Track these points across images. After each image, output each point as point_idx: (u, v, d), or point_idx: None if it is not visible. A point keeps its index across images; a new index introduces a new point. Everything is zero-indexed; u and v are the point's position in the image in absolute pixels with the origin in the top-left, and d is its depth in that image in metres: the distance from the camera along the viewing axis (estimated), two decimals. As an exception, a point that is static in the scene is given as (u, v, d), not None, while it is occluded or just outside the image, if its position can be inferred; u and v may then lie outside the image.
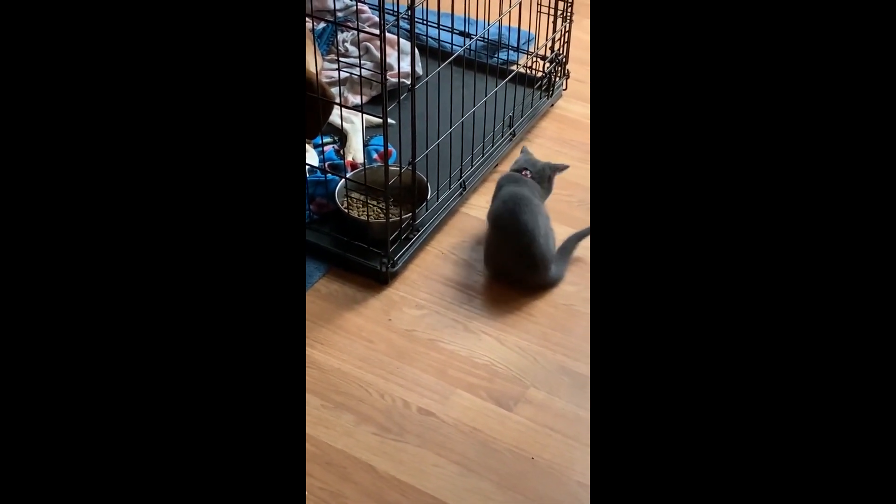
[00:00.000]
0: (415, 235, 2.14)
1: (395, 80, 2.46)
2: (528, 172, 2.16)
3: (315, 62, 2.11)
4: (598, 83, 0.95)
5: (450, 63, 2.15)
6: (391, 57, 2.56)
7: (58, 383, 0.89)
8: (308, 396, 1.81)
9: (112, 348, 0.90)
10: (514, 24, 2.61)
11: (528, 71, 2.61)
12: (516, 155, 2.31)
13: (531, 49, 2.67)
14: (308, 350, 1.92)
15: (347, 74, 2.56)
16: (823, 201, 0.87)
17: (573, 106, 2.68)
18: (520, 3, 2.37)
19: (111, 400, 0.90)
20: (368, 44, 2.68)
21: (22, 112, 0.88)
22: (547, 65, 2.61)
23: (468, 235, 2.22)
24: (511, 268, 2.06)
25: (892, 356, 0.86)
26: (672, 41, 0.90)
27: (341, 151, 2.39)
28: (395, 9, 1.94)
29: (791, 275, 0.88)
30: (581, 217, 2.25)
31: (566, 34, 2.58)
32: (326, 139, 2.41)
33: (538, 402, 1.82)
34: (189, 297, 0.92)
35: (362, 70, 2.24)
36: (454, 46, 2.53)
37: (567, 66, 2.66)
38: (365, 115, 2.23)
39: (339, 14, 2.83)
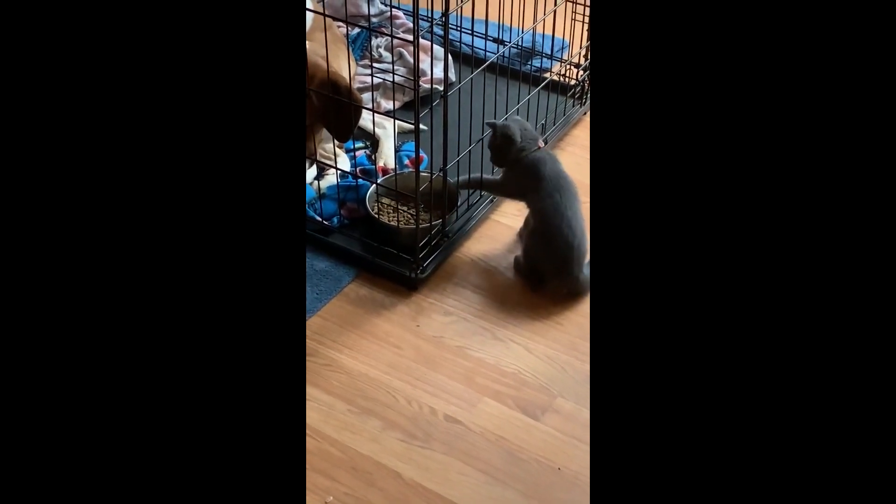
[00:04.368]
0: (444, 242, 2.14)
1: (427, 86, 2.46)
2: (542, 143, 2.10)
3: (349, 67, 2.11)
4: (598, 85, 0.95)
5: (483, 70, 2.14)
6: (424, 63, 2.56)
7: (62, 383, 0.89)
8: (335, 401, 1.81)
9: (105, 341, 0.90)
10: (549, 32, 2.61)
11: (562, 79, 2.60)
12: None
13: (565, 57, 2.66)
14: (335, 354, 1.92)
15: (381, 80, 2.57)
16: (821, 202, 0.87)
17: (606, 114, 2.66)
18: (554, 11, 2.37)
19: (111, 403, 0.90)
20: (402, 49, 2.68)
21: (21, 110, 0.88)
22: (580, 73, 2.60)
23: (498, 243, 2.21)
24: (543, 265, 2.05)
25: (892, 356, 0.85)
26: (671, 43, 0.90)
27: (373, 157, 2.39)
28: (430, 15, 1.94)
29: (789, 270, 0.88)
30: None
31: (600, 42, 2.56)
32: (358, 144, 2.42)
33: (566, 412, 1.80)
34: (184, 300, 0.91)
35: (395, 76, 2.24)
36: (487, 53, 2.53)
37: (601, 75, 2.65)
38: (397, 121, 2.23)
39: (374, 20, 2.84)
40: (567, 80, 2.61)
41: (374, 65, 2.64)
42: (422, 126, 1.98)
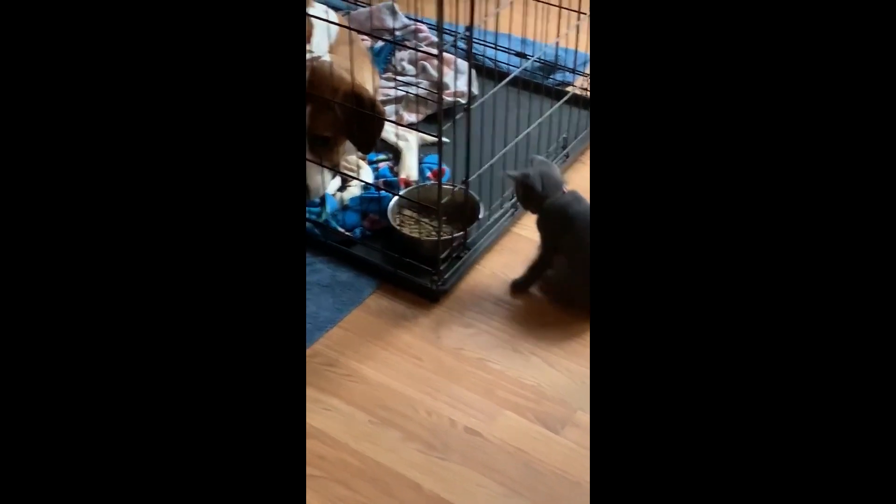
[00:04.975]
0: (466, 254, 2.15)
1: (450, 99, 2.47)
2: (566, 188, 2.07)
3: (372, 80, 2.13)
4: (598, 89, 0.95)
5: (506, 83, 2.15)
6: (448, 76, 2.57)
7: (67, 395, 0.90)
8: (355, 411, 1.82)
9: (104, 346, 0.91)
10: (571, 46, 2.61)
11: (584, 93, 2.60)
12: (571, 177, 2.29)
13: (587, 71, 2.67)
14: (356, 365, 1.93)
15: (404, 93, 2.58)
16: (819, 212, 0.87)
17: (628, 129, 2.66)
18: (577, 25, 2.38)
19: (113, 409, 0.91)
20: (425, 63, 2.70)
21: (22, 111, 0.89)
22: (603, 87, 2.60)
23: (520, 256, 2.21)
24: (579, 297, 2.02)
25: (892, 356, 0.85)
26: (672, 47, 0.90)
27: (395, 169, 2.41)
28: (454, 29, 1.95)
29: (789, 279, 0.88)
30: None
31: (623, 57, 2.57)
32: (381, 156, 2.43)
33: (585, 425, 1.80)
34: (183, 306, 0.92)
35: (418, 89, 2.25)
36: (510, 67, 2.54)
37: (623, 89, 2.65)
38: (420, 134, 2.25)
39: (398, 33, 2.86)
40: (589, 94, 2.61)
41: (398, 78, 2.66)
42: (444, 139, 1.99)
